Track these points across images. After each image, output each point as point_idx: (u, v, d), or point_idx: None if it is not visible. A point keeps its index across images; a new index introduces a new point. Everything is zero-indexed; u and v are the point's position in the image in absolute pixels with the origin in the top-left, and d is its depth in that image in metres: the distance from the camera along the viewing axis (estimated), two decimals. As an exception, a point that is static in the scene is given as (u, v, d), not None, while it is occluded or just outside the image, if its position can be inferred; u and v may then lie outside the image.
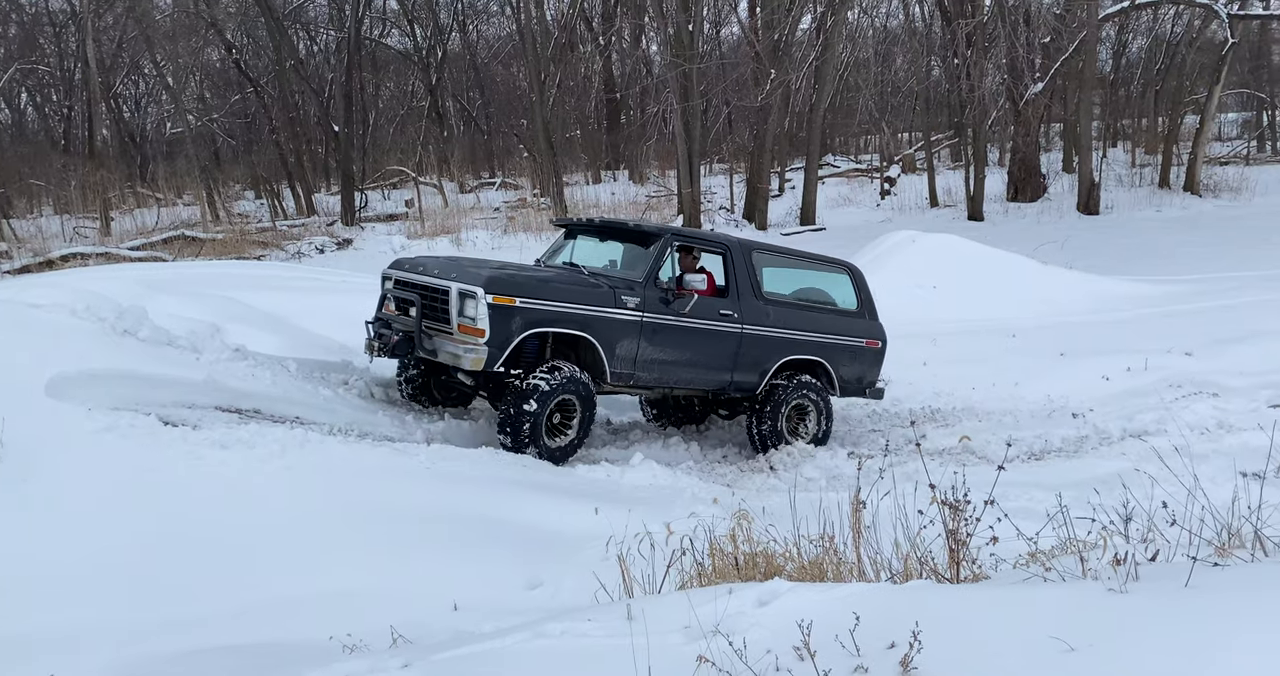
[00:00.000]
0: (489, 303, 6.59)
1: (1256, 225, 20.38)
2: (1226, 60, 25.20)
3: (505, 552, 5.28)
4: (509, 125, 36.14)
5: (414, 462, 6.40)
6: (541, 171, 26.87)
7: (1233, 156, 30.61)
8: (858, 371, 8.51)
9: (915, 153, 31.19)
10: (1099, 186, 24.13)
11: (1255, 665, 2.59)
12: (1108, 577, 3.22)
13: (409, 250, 22.00)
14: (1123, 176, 27.39)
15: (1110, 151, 31.45)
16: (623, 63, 35.87)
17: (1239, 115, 37.75)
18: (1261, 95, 33.89)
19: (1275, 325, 10.09)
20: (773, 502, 5.63)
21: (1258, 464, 5.94)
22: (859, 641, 2.83)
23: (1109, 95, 33.31)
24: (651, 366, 7.38)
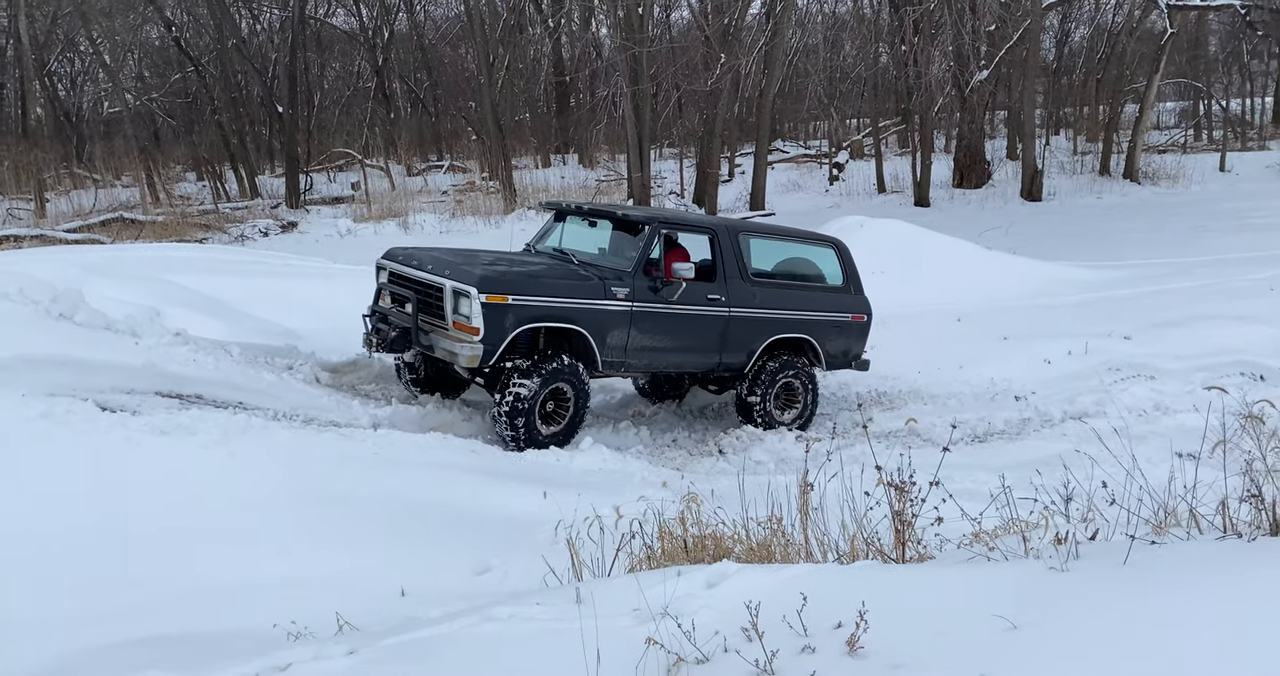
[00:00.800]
0: (483, 302, 6.70)
1: (1192, 212, 20.88)
2: (1165, 50, 25.71)
3: (454, 538, 5.25)
4: (457, 107, 35.72)
5: (360, 448, 6.32)
6: (490, 155, 26.61)
7: (1170, 145, 31.27)
8: (843, 346, 8.64)
9: (863, 139, 31.41)
10: (1042, 173, 24.53)
11: (1190, 640, 2.65)
12: (1049, 556, 3.28)
13: (355, 234, 21.71)
14: (1065, 164, 27.86)
15: (1053, 139, 31.98)
16: (572, 45, 35.61)
17: (1177, 104, 38.57)
18: (1198, 85, 34.63)
19: (1210, 309, 10.35)
20: (722, 485, 5.65)
21: (1193, 444, 6.07)
22: (806, 621, 2.86)
23: (1052, 83, 33.84)
24: (641, 353, 7.53)
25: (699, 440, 8.24)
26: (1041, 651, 2.65)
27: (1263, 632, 2.62)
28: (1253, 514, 3.88)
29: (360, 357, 8.53)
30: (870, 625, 2.77)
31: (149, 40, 33.14)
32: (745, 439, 8.04)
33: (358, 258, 14.82)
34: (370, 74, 36.44)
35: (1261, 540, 3.43)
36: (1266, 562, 3.09)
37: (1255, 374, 8.30)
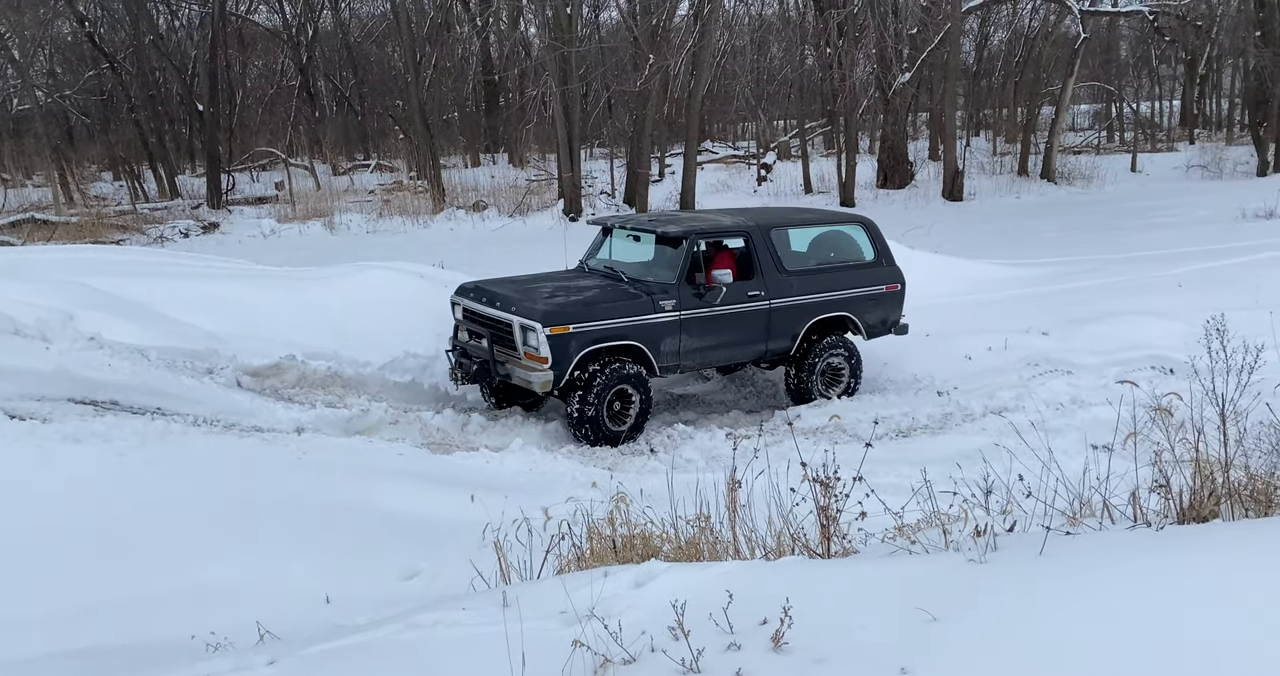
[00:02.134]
0: (548, 334, 7.42)
1: (1106, 211, 21.54)
2: (1079, 54, 26.50)
3: (381, 542, 5.18)
4: (384, 106, 35.25)
5: (284, 452, 6.21)
6: (418, 154, 26.31)
7: (1085, 146, 32.26)
8: (881, 315, 9.18)
9: (790, 140, 31.79)
10: (963, 174, 25.10)
11: (1103, 627, 2.73)
12: (968, 549, 3.35)
13: (279, 234, 21.29)
14: (985, 164, 28.54)
15: (973, 140, 32.74)
16: (500, 45, 35.40)
17: (1091, 107, 39.78)
18: (1110, 88, 35.75)
19: (1123, 305, 10.68)
20: (651, 484, 5.66)
21: (1107, 436, 6.27)
22: (732, 619, 2.87)
23: (972, 86, 34.65)
24: (693, 354, 8.22)
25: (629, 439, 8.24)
26: (961, 643, 2.71)
27: (1170, 617, 2.71)
28: (1161, 503, 4.02)
29: (284, 360, 8.37)
30: (795, 621, 2.80)
31: (61, 35, 32.06)
32: (676, 437, 8.06)
33: (282, 258, 14.54)
34: (294, 72, 35.77)
35: (1170, 528, 3.56)
36: (1174, 550, 3.19)
37: (1165, 367, 8.57)
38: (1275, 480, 4.32)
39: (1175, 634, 2.69)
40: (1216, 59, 34.32)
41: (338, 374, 8.51)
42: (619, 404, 7.89)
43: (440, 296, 9.85)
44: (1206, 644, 2.63)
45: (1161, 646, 2.65)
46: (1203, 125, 36.25)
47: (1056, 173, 26.88)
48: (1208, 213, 19.80)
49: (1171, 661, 2.60)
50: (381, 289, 9.82)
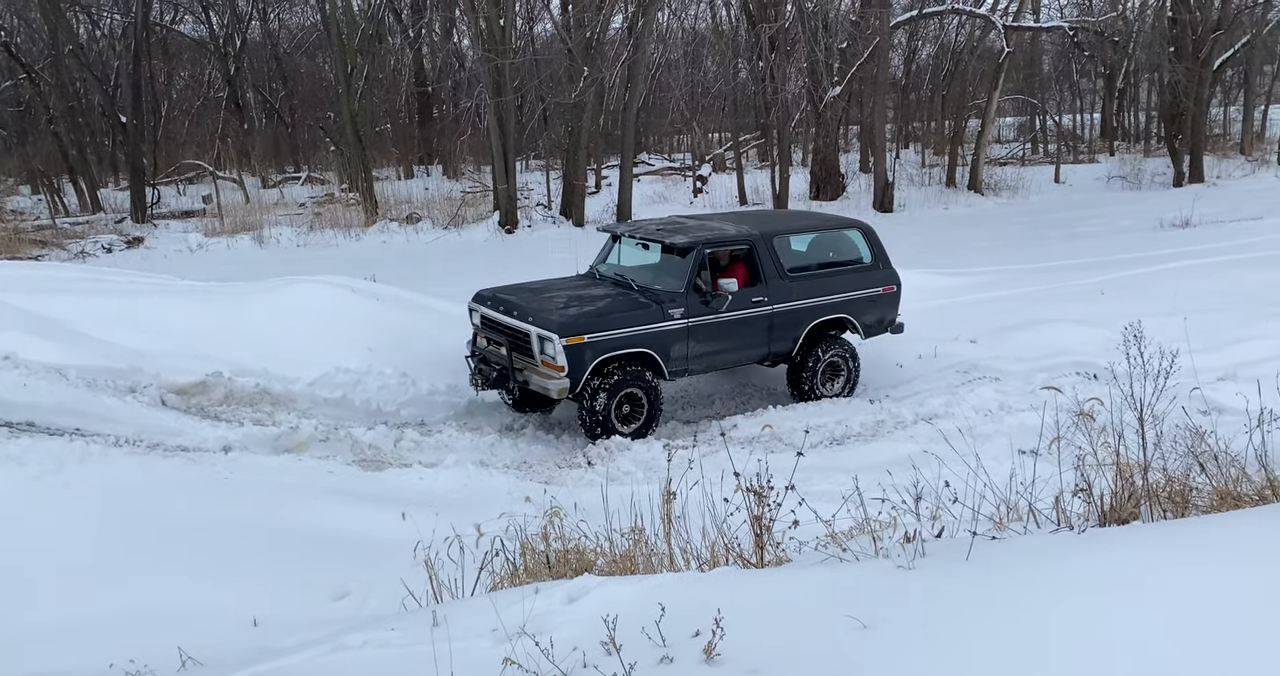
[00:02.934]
0: (564, 344, 7.76)
1: (1031, 221, 22.09)
2: (1003, 68, 27.18)
3: (311, 563, 5.08)
4: (315, 118, 34.73)
5: (210, 473, 6.06)
6: (350, 166, 25.97)
7: (1010, 158, 33.04)
8: (877, 316, 9.51)
9: (725, 152, 32.06)
10: (893, 186, 25.54)
11: (1027, 630, 2.79)
12: (898, 555, 3.39)
13: (206, 248, 20.85)
14: (914, 176, 29.08)
15: (903, 153, 33.33)
16: (434, 56, 35.15)
17: (1015, 120, 40.76)
18: (1034, 101, 36.70)
19: (1048, 313, 10.95)
20: (587, 497, 5.63)
21: (1033, 442, 6.40)
22: (665, 631, 2.87)
23: (901, 99, 35.31)
24: (700, 358, 8.58)
25: (567, 451, 8.21)
26: (890, 649, 2.73)
27: (1089, 617, 2.77)
28: (1083, 506, 4.12)
29: (210, 377, 8.17)
30: (727, 631, 2.80)
31: (-26, 45, 31.01)
32: (613, 449, 8.05)
33: (209, 273, 14.23)
34: (222, 83, 35.06)
35: (1091, 531, 3.64)
36: (1096, 552, 3.27)
37: (1089, 373, 8.80)
38: (1191, 482, 4.46)
39: (1098, 633, 2.75)
40: (1134, 74, 35.45)
41: (266, 390, 8.33)
42: (628, 406, 8.25)
43: (372, 310, 9.72)
44: (1130, 642, 2.69)
45: (1086, 647, 2.70)
46: (1122, 137, 37.38)
47: (983, 184, 27.50)
48: (1128, 222, 20.43)
49: (1097, 660, 2.65)
50: (311, 303, 9.64)
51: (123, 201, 25.90)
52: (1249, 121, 34.18)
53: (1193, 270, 13.72)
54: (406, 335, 9.46)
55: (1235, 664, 2.58)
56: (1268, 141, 33.57)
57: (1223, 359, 9.02)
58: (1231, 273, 13.39)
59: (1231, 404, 6.62)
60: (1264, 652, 2.59)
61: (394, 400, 8.64)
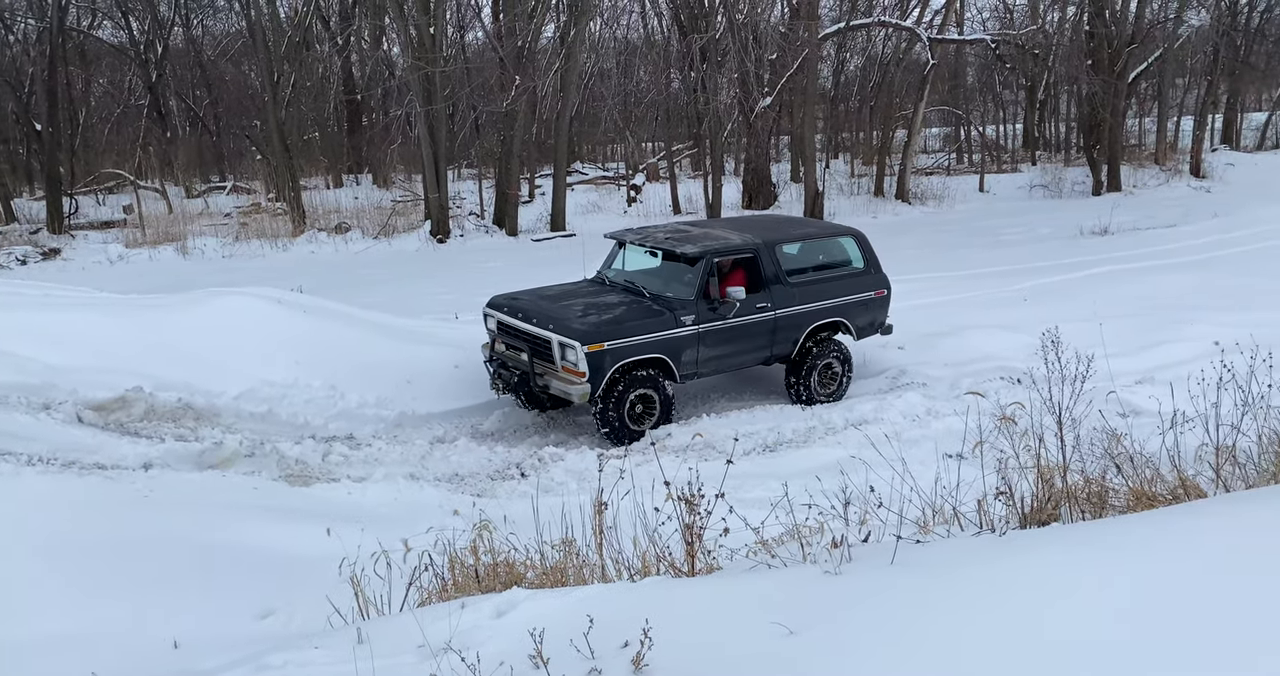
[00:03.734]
0: (586, 352, 8.07)
1: (957, 230, 22.56)
2: (929, 80, 27.75)
3: (234, 582, 4.95)
4: (240, 126, 34.01)
5: (129, 491, 5.89)
6: (276, 175, 25.50)
7: (936, 168, 33.72)
8: (869, 318, 9.91)
9: (658, 162, 32.19)
10: (823, 195, 25.87)
11: (950, 631, 2.83)
12: (825, 561, 3.42)
13: (127, 259, 20.29)
14: (843, 185, 29.52)
15: (832, 162, 33.83)
16: (363, 64, 34.72)
17: (941, 130, 41.63)
18: (959, 112, 37.53)
19: (973, 320, 11.19)
20: (519, 509, 5.58)
21: (958, 446, 6.54)
22: (593, 643, 2.86)
23: (830, 110, 35.82)
24: (709, 362, 8.95)
25: (501, 463, 8.14)
26: (815, 654, 2.76)
27: (1010, 618, 2.83)
28: (1005, 509, 4.21)
29: (130, 393, 7.94)
30: (656, 641, 2.80)
31: (-122, 49, 29.82)
32: (547, 459, 8.01)
33: (130, 285, 13.84)
34: (143, 90, 34.20)
35: (1011, 533, 3.72)
36: (1014, 554, 3.34)
37: (1012, 378, 9.01)
38: (1108, 483, 4.58)
39: (1020, 634, 2.80)
40: (1053, 85, 36.43)
41: (189, 405, 8.12)
42: (641, 407, 8.59)
43: (299, 322, 9.55)
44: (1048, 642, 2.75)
45: (1007, 646, 2.76)
46: (1043, 147, 38.36)
47: (910, 193, 28.01)
48: (1049, 230, 20.98)
49: (1018, 658, 2.71)
50: (236, 316, 9.43)
51: (38, 212, 25.07)
52: (1162, 132, 35.39)
53: (1111, 276, 14.17)
54: (335, 347, 9.31)
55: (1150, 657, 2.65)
56: (1180, 151, 34.75)
57: (1140, 362, 9.31)
58: (1148, 278, 13.85)
59: (1147, 406, 6.82)
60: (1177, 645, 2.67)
61: (322, 414, 8.49)
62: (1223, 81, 35.50)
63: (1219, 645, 2.65)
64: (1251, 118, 42.75)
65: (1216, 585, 2.94)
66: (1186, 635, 2.71)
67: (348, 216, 23.64)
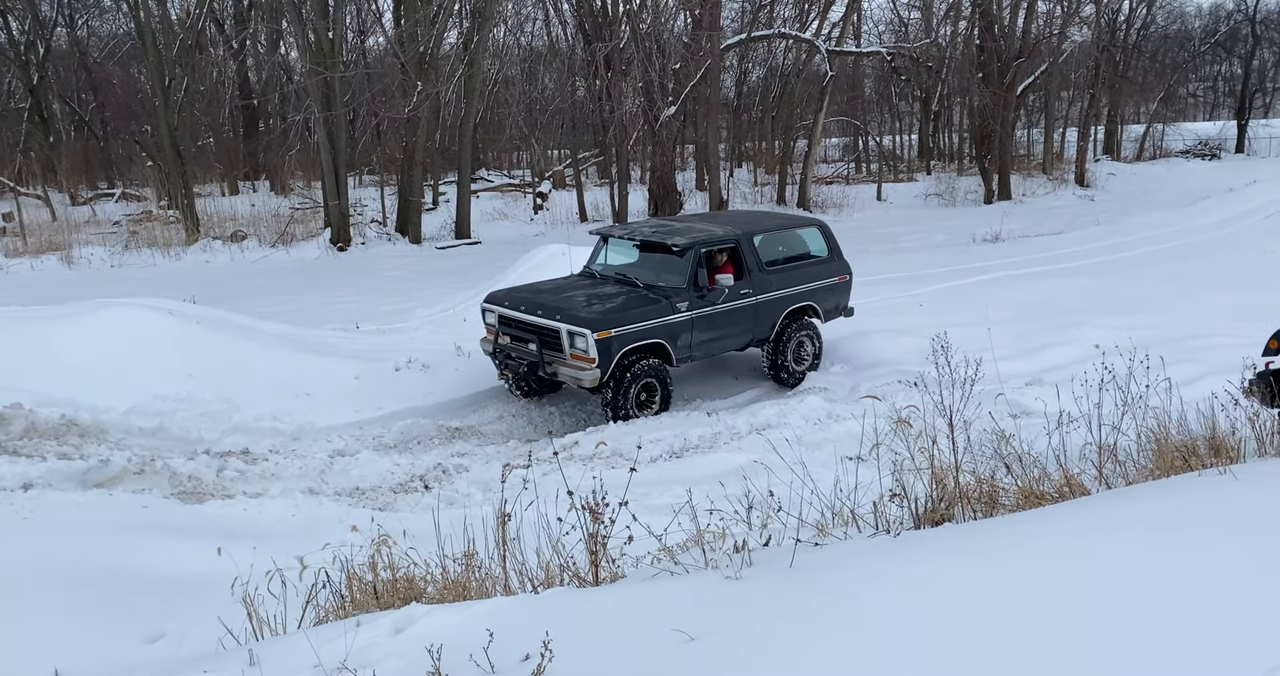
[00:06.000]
0: (596, 338, 8.56)
1: (858, 236, 23.03)
2: (828, 91, 28.39)
3: (120, 605, 4.75)
4: (129, 131, 32.80)
5: (6, 512, 5.62)
6: (168, 181, 24.68)
7: (835, 177, 34.52)
8: (834, 302, 10.66)
9: (564, 169, 32.17)
10: (727, 203, 26.22)
11: (846, 631, 2.89)
12: (726, 566, 3.46)
13: (7, 269, 19.38)
14: (747, 194, 29.97)
15: (736, 171, 34.32)
16: (259, 68, 33.86)
17: (840, 140, 42.64)
18: (857, 123, 38.50)
19: (871, 325, 11.43)
20: (421, 523, 5.49)
21: (856, 448, 6.68)
22: (494, 657, 2.83)
23: (733, 120, 36.35)
24: (702, 346, 9.56)
25: (404, 476, 7.99)
26: (715, 659, 2.78)
27: (902, 617, 2.90)
28: (900, 510, 4.31)
29: (8, 409, 7.57)
30: (557, 653, 2.79)
31: None
32: (451, 471, 7.90)
33: (9, 296, 13.20)
34: (24, 93, 32.72)
35: (905, 534, 3.82)
36: (908, 555, 3.43)
37: (909, 381, 9.23)
38: (998, 482, 4.74)
39: (911, 632, 2.87)
40: (947, 97, 37.66)
41: (74, 422, 7.78)
42: (644, 394, 9.12)
43: (192, 334, 9.25)
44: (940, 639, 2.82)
45: (901, 645, 2.82)
46: (938, 157, 39.62)
47: (811, 201, 28.60)
48: (944, 238, 21.64)
49: (913, 657, 2.77)
50: (125, 327, 9.07)
51: (-91, 219, 23.77)
52: (1049, 143, 36.91)
53: (1002, 281, 14.67)
54: (230, 359, 9.04)
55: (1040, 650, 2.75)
56: (1066, 161, 36.28)
57: (1029, 365, 9.65)
58: (1037, 284, 14.39)
59: (1035, 407, 7.08)
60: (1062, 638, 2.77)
61: (216, 428, 8.23)
62: (1104, 95, 37.21)
63: (1106, 636, 2.77)
64: (1131, 130, 44.92)
65: (1102, 578, 3.07)
66: (1075, 628, 2.82)
67: (244, 224, 23.02)
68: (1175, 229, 19.38)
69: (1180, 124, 45.82)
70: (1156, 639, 2.74)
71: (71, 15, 33.63)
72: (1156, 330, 10.19)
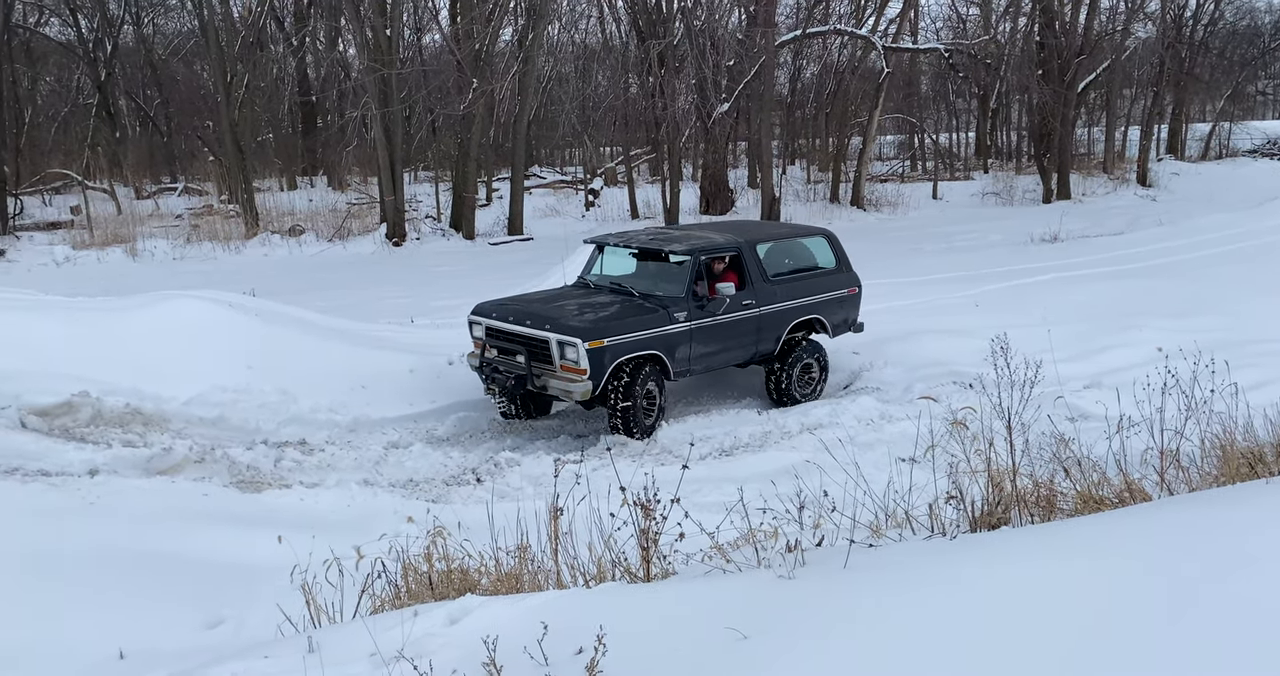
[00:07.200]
0: (587, 348, 8.09)
1: (911, 236, 22.84)
2: (883, 88, 28.08)
3: (182, 590, 4.88)
4: (192, 126, 33.50)
5: (73, 498, 5.77)
6: (229, 176, 25.17)
7: (890, 175, 34.11)
8: (843, 316, 10.09)
9: (616, 166, 32.23)
10: (780, 201, 26.04)
11: (900, 633, 2.86)
12: (779, 565, 3.44)
13: (74, 261, 19.90)
14: (800, 191, 29.75)
15: (789, 168, 34.07)
16: (318, 65, 34.37)
17: (895, 137, 42.09)
18: (913, 120, 38.00)
19: (925, 325, 11.30)
20: (474, 515, 5.54)
21: (911, 450, 6.61)
22: (547, 650, 2.85)
23: (787, 117, 36.10)
24: (701, 359, 9.05)
25: (456, 469, 8.08)
26: (769, 658, 2.77)
27: (960, 621, 2.86)
28: (956, 512, 4.27)
29: (75, 398, 7.78)
30: (610, 648, 2.80)
31: None
32: (502, 464, 7.97)
33: (76, 288, 13.57)
34: (91, 89, 33.58)
35: (962, 537, 3.77)
36: (965, 558, 3.38)
37: (964, 383, 9.12)
38: (1056, 487, 4.66)
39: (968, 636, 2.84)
40: (1005, 94, 37.01)
41: (138, 410, 7.98)
42: (645, 402, 8.70)
43: (251, 326, 9.43)
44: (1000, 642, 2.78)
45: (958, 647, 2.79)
46: (995, 155, 38.97)
47: (865, 200, 28.31)
48: (1000, 237, 21.30)
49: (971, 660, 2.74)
50: (187, 319, 9.28)
51: (-19, 212, 24.50)
52: (1111, 141, 36.11)
53: (1060, 283, 14.40)
54: (288, 351, 9.20)
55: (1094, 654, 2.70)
56: (1128, 160, 35.49)
57: (1088, 367, 9.47)
58: (1096, 285, 14.10)
59: (1094, 411, 6.96)
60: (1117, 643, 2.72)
61: (274, 419, 8.38)
62: (1168, 92, 36.34)
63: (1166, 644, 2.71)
64: (1196, 128, 43.79)
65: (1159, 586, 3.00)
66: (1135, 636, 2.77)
67: (302, 219, 23.39)
68: (1241, 230, 18.86)
69: (1248, 122, 44.53)
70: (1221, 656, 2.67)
71: (138, 13, 34.38)
72: (1220, 333, 9.93)
